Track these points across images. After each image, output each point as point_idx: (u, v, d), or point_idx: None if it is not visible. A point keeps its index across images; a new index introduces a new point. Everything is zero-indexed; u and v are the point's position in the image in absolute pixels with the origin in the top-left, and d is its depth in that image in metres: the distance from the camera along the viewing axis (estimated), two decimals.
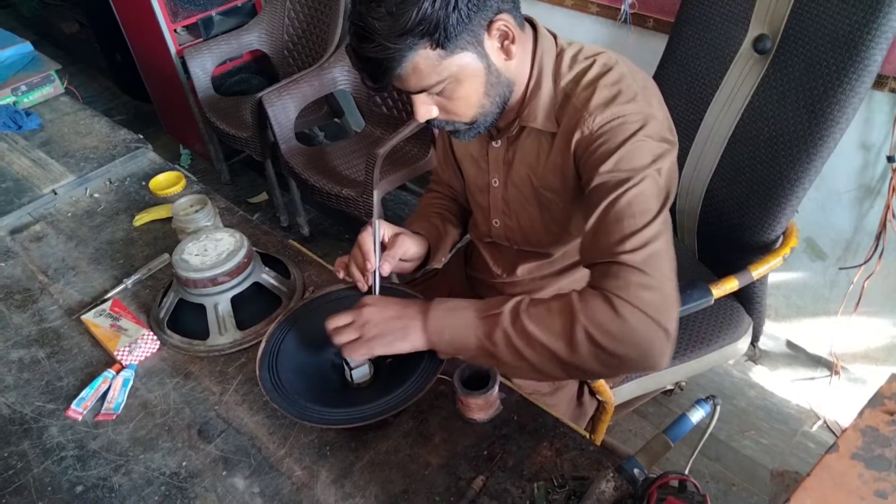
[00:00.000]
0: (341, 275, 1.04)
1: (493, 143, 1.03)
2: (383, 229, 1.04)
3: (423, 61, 0.82)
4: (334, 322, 0.92)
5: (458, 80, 0.85)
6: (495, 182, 1.08)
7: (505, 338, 0.83)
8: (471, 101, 0.89)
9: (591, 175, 0.88)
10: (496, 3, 0.82)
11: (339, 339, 0.91)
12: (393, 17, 0.77)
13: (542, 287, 1.18)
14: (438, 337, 0.87)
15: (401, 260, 1.06)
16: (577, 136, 0.90)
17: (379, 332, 0.89)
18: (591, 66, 0.92)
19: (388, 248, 1.04)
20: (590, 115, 0.88)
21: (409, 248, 1.07)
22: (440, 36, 0.79)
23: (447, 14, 0.78)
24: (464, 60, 0.84)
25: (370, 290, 1.00)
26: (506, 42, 0.86)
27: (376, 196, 1.06)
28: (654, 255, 0.81)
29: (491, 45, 0.85)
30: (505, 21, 0.84)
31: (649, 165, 0.85)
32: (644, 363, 0.80)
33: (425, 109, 0.90)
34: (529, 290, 1.19)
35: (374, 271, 1.00)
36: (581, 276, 1.16)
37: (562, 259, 1.14)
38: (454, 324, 0.87)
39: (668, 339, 0.79)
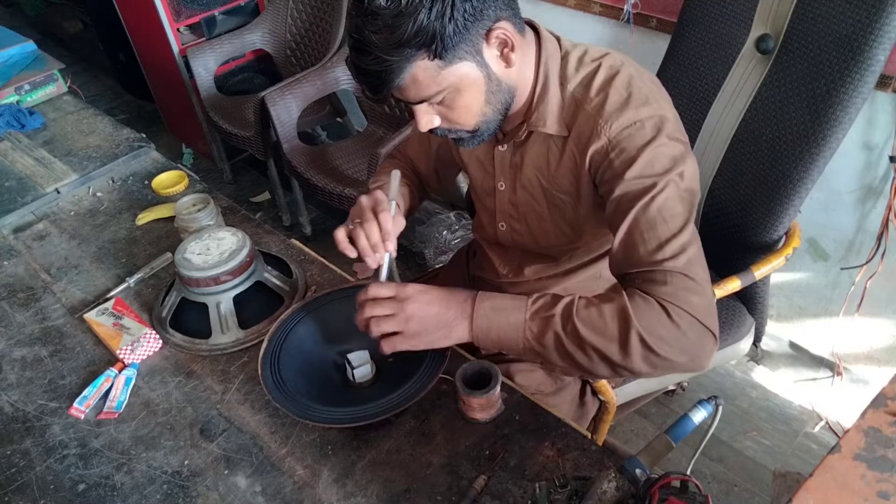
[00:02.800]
0: (353, 254, 0.97)
1: (500, 146, 1.03)
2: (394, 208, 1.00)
3: (421, 72, 0.81)
4: (372, 309, 0.88)
5: (458, 90, 0.85)
6: (501, 185, 1.08)
7: (556, 340, 0.83)
8: (472, 110, 0.89)
9: (614, 185, 0.88)
10: (494, 11, 0.82)
11: (379, 330, 0.88)
12: (389, 30, 0.77)
13: (548, 287, 1.18)
14: (484, 336, 0.87)
15: None
16: (594, 145, 0.89)
17: (423, 329, 0.88)
18: (597, 68, 0.91)
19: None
20: (605, 122, 0.88)
21: (403, 225, 1.05)
22: (437, 46, 0.79)
23: (443, 25, 0.77)
24: (463, 70, 0.83)
25: (377, 271, 0.97)
26: (505, 50, 0.86)
27: (398, 176, 1.02)
28: (694, 259, 0.83)
29: (490, 53, 0.85)
30: (503, 29, 0.83)
31: (671, 170, 0.85)
32: (692, 366, 0.82)
33: (427, 119, 0.89)
34: (535, 289, 1.18)
35: (389, 255, 0.96)
36: (587, 277, 1.16)
37: (567, 261, 1.14)
38: (502, 324, 0.86)
39: (715, 342, 0.82)
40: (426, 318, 0.88)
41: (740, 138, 1.28)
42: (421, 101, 0.86)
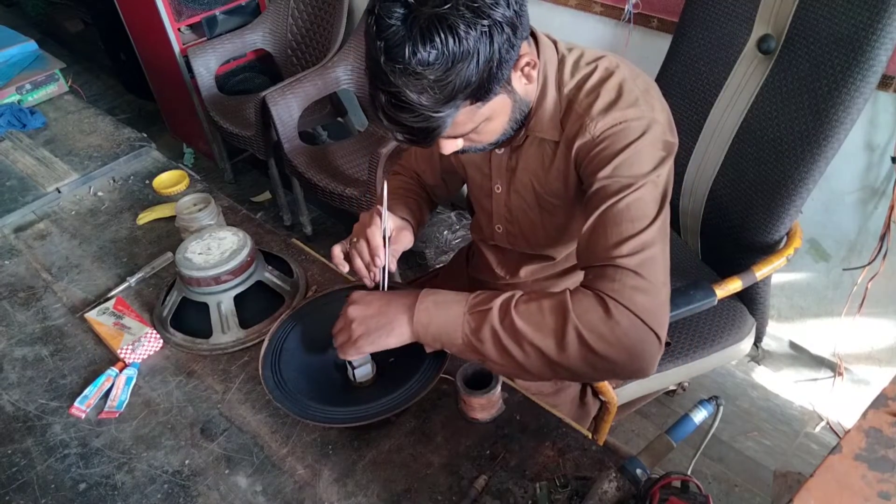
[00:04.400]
0: (345, 269, 1.00)
1: (497, 150, 1.03)
2: (389, 222, 1.01)
3: (462, 116, 0.80)
4: (336, 326, 0.93)
5: (489, 120, 0.85)
6: (498, 188, 1.08)
7: (493, 334, 0.82)
8: (497, 131, 0.89)
9: (592, 180, 0.88)
10: (521, 39, 0.79)
11: (336, 342, 0.92)
12: (437, 90, 0.74)
13: (546, 288, 1.18)
14: (424, 330, 0.86)
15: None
16: (578, 141, 0.89)
17: (364, 330, 0.88)
18: (592, 71, 0.91)
19: (392, 242, 1.02)
20: (591, 120, 0.88)
21: (410, 242, 1.05)
22: (482, 92, 0.78)
23: (490, 72, 0.76)
24: (497, 103, 0.83)
25: (377, 286, 0.99)
26: (527, 68, 0.85)
27: (386, 186, 1.02)
28: (650, 259, 0.81)
29: (516, 77, 0.84)
30: (527, 54, 0.83)
31: (650, 173, 0.84)
32: (633, 368, 0.79)
33: (452, 146, 0.88)
34: (533, 290, 1.18)
35: (384, 268, 0.98)
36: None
37: (565, 261, 1.14)
38: (441, 318, 0.85)
39: (659, 345, 0.79)
40: (367, 317, 0.88)
41: (742, 139, 1.28)
42: (454, 137, 0.86)
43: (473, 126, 0.84)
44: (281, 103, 2.16)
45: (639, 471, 0.79)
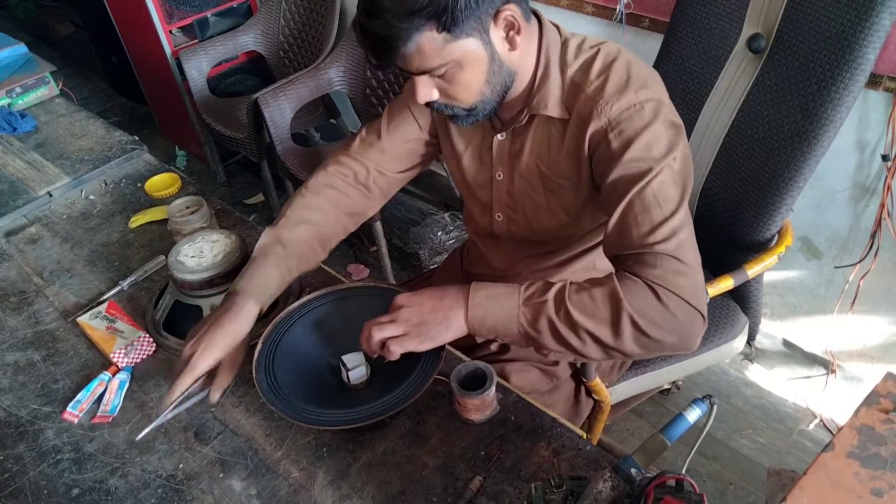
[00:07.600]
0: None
1: (498, 135, 1.03)
2: (208, 362, 0.93)
3: (427, 43, 0.83)
4: (370, 324, 0.90)
5: (460, 65, 0.86)
6: (499, 175, 1.08)
7: (550, 325, 0.84)
8: (472, 88, 0.90)
9: (611, 165, 0.89)
10: None
11: (381, 334, 0.88)
12: None
13: (544, 278, 1.17)
14: (480, 324, 0.88)
15: None
16: (592, 125, 0.91)
17: (424, 328, 0.88)
18: (595, 54, 0.93)
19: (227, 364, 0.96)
20: (605, 102, 0.89)
21: (243, 353, 0.98)
22: (447, 19, 0.80)
23: None
24: (468, 46, 0.85)
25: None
26: (511, 32, 0.87)
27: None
28: (684, 242, 0.85)
29: (496, 34, 0.86)
30: (512, 12, 0.85)
31: (667, 154, 0.87)
32: (681, 345, 0.84)
33: (426, 91, 0.91)
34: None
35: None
36: (581, 267, 1.16)
37: (561, 251, 1.15)
38: (496, 312, 0.87)
39: (703, 322, 0.84)
40: (423, 314, 0.89)
41: (733, 137, 1.29)
42: (423, 73, 0.88)
43: (441, 63, 0.85)
44: (273, 105, 2.15)
45: (633, 470, 0.79)
